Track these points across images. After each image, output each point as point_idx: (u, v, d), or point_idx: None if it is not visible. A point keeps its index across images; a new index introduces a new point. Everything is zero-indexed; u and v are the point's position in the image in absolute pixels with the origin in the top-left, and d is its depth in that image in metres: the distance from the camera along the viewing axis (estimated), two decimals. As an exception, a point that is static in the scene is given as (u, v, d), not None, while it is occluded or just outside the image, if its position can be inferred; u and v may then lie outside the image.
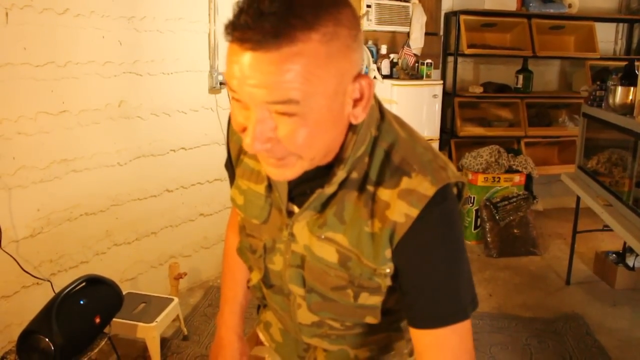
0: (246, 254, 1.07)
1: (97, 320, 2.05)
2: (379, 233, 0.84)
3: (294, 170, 0.79)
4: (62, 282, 2.38)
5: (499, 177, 4.23)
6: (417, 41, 4.13)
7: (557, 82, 5.14)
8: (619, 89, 2.81)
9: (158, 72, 2.96)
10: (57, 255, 2.55)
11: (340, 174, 0.84)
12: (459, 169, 4.43)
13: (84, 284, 2.07)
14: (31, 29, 2.29)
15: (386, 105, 0.92)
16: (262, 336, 1.21)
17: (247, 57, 0.69)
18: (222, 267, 1.25)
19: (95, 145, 2.67)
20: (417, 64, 4.12)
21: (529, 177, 4.37)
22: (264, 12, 0.67)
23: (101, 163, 2.72)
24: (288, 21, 0.67)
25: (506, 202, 4.18)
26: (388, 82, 3.91)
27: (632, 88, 2.75)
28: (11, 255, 2.25)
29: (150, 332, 2.47)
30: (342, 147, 0.83)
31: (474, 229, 4.30)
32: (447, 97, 4.42)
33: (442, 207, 0.82)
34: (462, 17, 4.30)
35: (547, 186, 5.03)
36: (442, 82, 4.20)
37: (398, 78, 4.01)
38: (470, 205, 4.27)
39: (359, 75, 0.77)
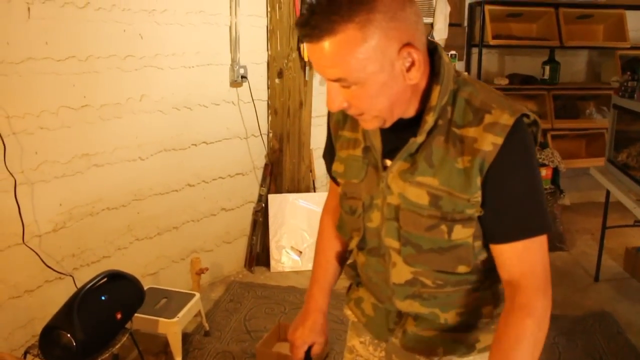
0: (345, 221, 1.19)
1: (119, 315, 2.04)
2: (470, 165, 0.96)
3: (373, 123, 1.00)
4: (85, 276, 2.39)
5: (525, 171, 4.14)
6: (440, 32, 4.04)
7: (584, 73, 5.00)
8: (653, 80, 2.71)
9: (179, 65, 2.94)
10: (80, 250, 2.55)
11: (430, 121, 0.98)
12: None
13: (105, 279, 2.06)
14: (52, 24, 2.29)
15: None
16: (351, 314, 1.29)
17: (309, 47, 0.91)
18: (315, 249, 1.35)
19: (116, 140, 2.66)
20: (441, 56, 4.04)
21: (555, 171, 4.25)
22: (314, 11, 0.88)
23: (123, 157, 2.71)
24: (329, 18, 0.87)
25: (532, 197, 4.09)
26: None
27: (666, 78, 2.65)
28: (34, 250, 2.26)
29: (172, 328, 2.46)
30: (429, 98, 0.99)
31: (499, 224, 4.21)
32: (472, 89, 4.33)
33: (522, 134, 0.97)
34: (487, 7, 4.20)
35: (574, 180, 4.91)
36: (466, 73, 4.12)
37: (421, 70, 3.94)
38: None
39: (404, 47, 0.91)
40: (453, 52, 4.05)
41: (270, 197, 3.57)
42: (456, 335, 1.13)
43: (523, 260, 1.00)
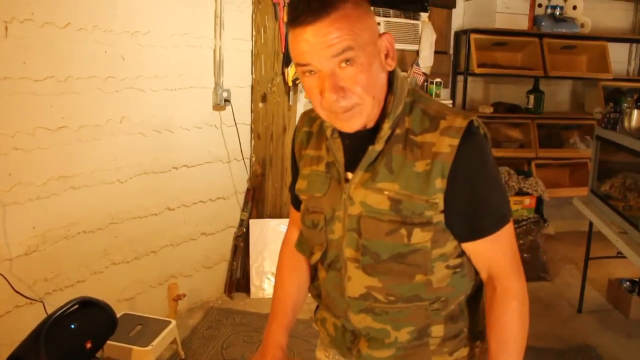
0: (306, 237, 1.23)
1: (89, 345, 1.97)
2: (429, 168, 1.03)
3: (360, 118, 1.04)
4: (57, 301, 2.32)
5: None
6: (426, 60, 4.06)
7: (568, 103, 5.05)
8: (635, 112, 2.72)
9: (161, 88, 2.91)
10: (53, 274, 2.48)
11: (386, 128, 1.06)
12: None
13: (76, 306, 1.99)
14: (31, 43, 2.25)
15: None
16: (320, 331, 1.32)
17: (310, 31, 0.97)
18: (275, 282, 1.38)
19: (95, 162, 2.61)
20: (426, 83, 4.05)
21: (539, 200, 4.26)
22: (311, 1, 0.97)
23: (101, 180, 2.65)
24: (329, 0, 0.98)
25: (516, 226, 4.07)
26: (396, 100, 3.82)
27: (648, 111, 2.67)
28: (2, 275, 2.18)
29: (146, 356, 2.39)
30: (384, 108, 1.06)
31: (483, 252, 4.19)
32: (457, 117, 4.33)
33: (476, 136, 1.04)
34: (473, 36, 4.23)
35: (558, 209, 4.91)
36: (451, 101, 4.13)
37: (406, 97, 3.94)
38: (479, 227, 4.16)
39: (382, 35, 1.05)
40: (438, 79, 4.06)
41: (252, 222, 3.52)
42: (407, 357, 1.16)
43: (496, 250, 1.09)
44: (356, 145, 1.09)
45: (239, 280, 3.57)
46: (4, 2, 2.13)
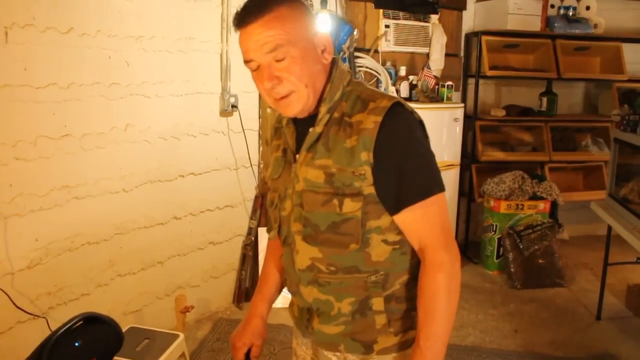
0: (269, 216, 1.37)
1: (93, 363, 1.88)
2: (356, 143, 1.13)
3: (297, 104, 1.17)
4: (62, 315, 2.25)
5: (523, 205, 4.04)
6: (437, 62, 3.97)
7: (581, 105, 4.95)
8: (657, 114, 2.63)
9: (167, 94, 2.83)
10: (56, 288, 2.40)
11: (323, 111, 1.18)
12: (481, 196, 4.24)
13: (80, 322, 1.90)
14: (32, 49, 2.18)
15: None
16: (290, 317, 1.43)
17: (248, 32, 1.12)
18: (261, 270, 1.54)
19: (99, 171, 2.54)
20: (437, 86, 3.96)
21: (554, 204, 4.16)
22: (249, 6, 1.13)
23: (105, 189, 2.58)
24: (266, 2, 1.12)
25: (530, 231, 3.98)
26: (407, 104, 3.74)
27: (671, 113, 2.57)
28: (3, 290, 2.10)
29: (153, 373, 2.30)
30: (322, 95, 1.20)
31: (496, 259, 4.09)
32: (468, 121, 4.23)
33: (400, 113, 1.15)
34: (484, 38, 4.14)
35: (572, 213, 4.81)
36: (463, 105, 4.03)
37: (417, 101, 3.85)
38: (493, 233, 4.07)
39: (319, 32, 1.18)
40: (450, 82, 3.96)
41: (261, 230, 3.43)
42: (354, 334, 1.24)
43: (423, 223, 1.16)
44: (305, 130, 1.21)
45: (247, 290, 3.48)
46: (4, 7, 2.05)
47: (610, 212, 3.17)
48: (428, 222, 1.15)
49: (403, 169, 1.13)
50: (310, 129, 1.19)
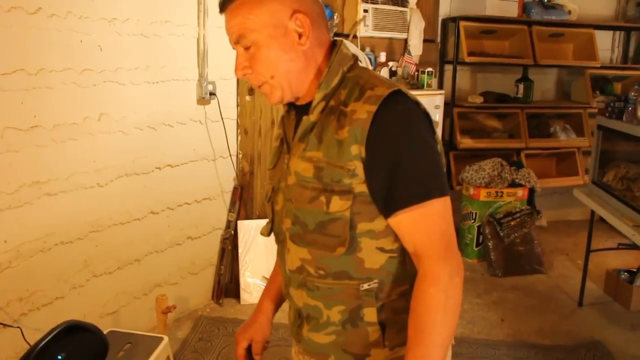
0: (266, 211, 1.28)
1: (79, 376, 1.72)
2: (347, 135, 1.02)
3: (274, 95, 1.10)
4: (35, 322, 2.09)
5: (502, 192, 4.02)
6: (416, 48, 3.89)
7: (554, 92, 4.97)
8: (647, 100, 2.61)
9: (142, 81, 2.65)
10: (28, 293, 2.21)
11: (317, 99, 1.07)
12: (459, 183, 4.20)
13: (62, 333, 1.74)
14: (-3, 31, 1.97)
15: None
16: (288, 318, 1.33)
17: (225, 16, 1.07)
18: (273, 267, 1.43)
19: (72, 165, 2.35)
20: (417, 73, 3.88)
21: (531, 191, 4.16)
22: None
23: (79, 184, 2.39)
24: None
25: (510, 218, 3.97)
26: (387, 91, 3.64)
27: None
28: (-28, 299, 1.91)
29: (138, 380, 2.15)
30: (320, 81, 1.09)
31: (476, 247, 4.07)
32: (446, 107, 4.17)
33: (399, 103, 1.02)
34: (462, 24, 4.08)
35: (546, 199, 4.84)
36: (443, 91, 3.97)
37: (397, 87, 3.76)
38: (472, 221, 4.04)
39: (295, 12, 1.05)
40: (430, 69, 3.89)
41: (240, 223, 3.29)
42: (346, 345, 1.14)
43: (419, 228, 1.02)
44: (301, 119, 1.12)
45: (227, 285, 3.34)
46: (-36, -17, 1.85)
47: (594, 198, 3.17)
48: (424, 229, 1.01)
49: (397, 165, 0.99)
50: (304, 117, 1.09)
